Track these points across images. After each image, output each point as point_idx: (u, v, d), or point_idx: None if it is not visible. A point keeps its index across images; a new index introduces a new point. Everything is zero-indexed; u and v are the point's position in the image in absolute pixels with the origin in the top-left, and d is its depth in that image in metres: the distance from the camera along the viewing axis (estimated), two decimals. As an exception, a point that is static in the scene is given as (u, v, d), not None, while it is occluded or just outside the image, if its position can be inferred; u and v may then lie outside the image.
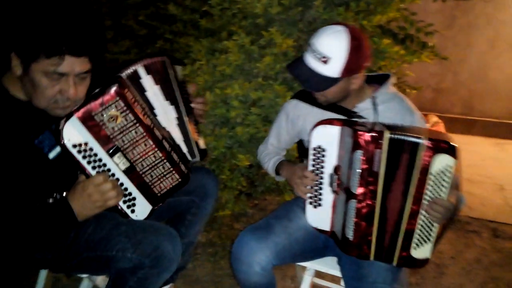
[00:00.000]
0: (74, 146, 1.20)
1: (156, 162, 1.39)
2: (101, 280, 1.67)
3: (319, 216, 1.48)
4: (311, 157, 1.43)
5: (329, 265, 1.63)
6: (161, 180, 1.43)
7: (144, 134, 1.32)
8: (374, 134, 1.22)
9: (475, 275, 2.35)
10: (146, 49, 3.04)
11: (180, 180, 1.47)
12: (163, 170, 1.42)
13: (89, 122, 1.21)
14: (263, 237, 1.44)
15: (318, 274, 2.05)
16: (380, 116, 1.47)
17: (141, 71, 1.40)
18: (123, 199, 1.34)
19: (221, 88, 2.15)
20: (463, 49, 4.95)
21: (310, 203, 1.49)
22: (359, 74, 1.43)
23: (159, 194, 1.44)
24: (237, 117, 2.11)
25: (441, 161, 1.17)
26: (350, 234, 1.33)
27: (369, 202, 1.27)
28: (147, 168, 1.38)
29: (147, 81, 1.42)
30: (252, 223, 1.56)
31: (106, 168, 1.28)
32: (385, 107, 1.48)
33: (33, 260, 1.41)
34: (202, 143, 1.65)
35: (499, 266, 2.46)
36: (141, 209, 1.40)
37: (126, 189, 1.35)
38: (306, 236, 1.53)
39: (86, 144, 1.22)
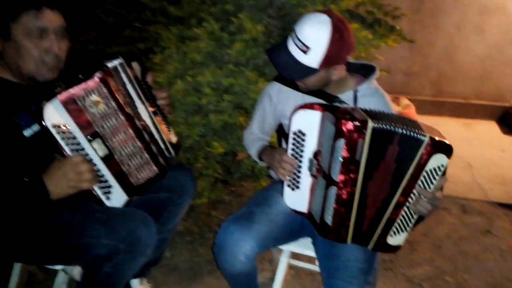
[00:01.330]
0: (54, 126, 1.21)
1: (135, 152, 1.39)
2: (77, 272, 1.66)
3: (297, 198, 1.50)
4: (291, 141, 1.43)
5: (304, 246, 1.67)
6: (139, 170, 1.43)
7: (125, 122, 1.33)
8: (357, 123, 1.21)
9: (446, 250, 2.44)
10: (115, 38, 2.97)
11: (158, 172, 1.47)
12: (141, 161, 1.41)
13: (71, 106, 1.22)
14: (246, 226, 1.45)
15: (295, 256, 2.10)
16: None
17: (120, 68, 1.41)
18: (99, 185, 1.33)
19: (193, 76, 2.13)
20: (431, 32, 5.04)
21: (288, 185, 1.50)
22: (340, 65, 1.43)
23: (136, 185, 1.43)
24: (210, 104, 2.10)
25: (438, 160, 1.19)
26: (329, 219, 1.35)
27: (349, 189, 1.28)
28: (126, 157, 1.37)
29: (124, 77, 1.43)
30: (230, 210, 1.58)
31: (84, 153, 1.28)
32: (364, 101, 1.49)
33: (4, 251, 1.38)
34: (174, 139, 1.65)
35: (467, 240, 2.57)
36: (117, 197, 1.40)
37: (102, 176, 1.34)
38: (285, 220, 1.55)
39: (65, 126, 1.23)
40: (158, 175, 1.48)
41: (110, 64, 1.34)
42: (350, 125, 1.21)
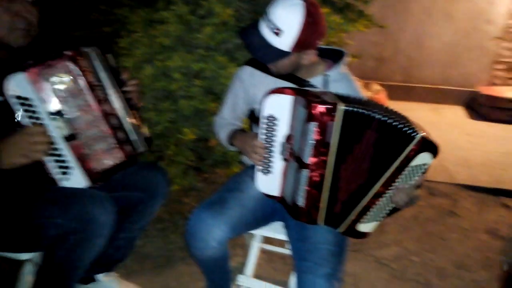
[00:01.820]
0: (17, 98, 1.21)
1: (101, 135, 1.35)
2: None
3: (269, 183, 1.50)
4: (263, 125, 1.42)
5: (276, 230, 1.68)
6: (104, 155, 1.39)
7: (92, 104, 1.31)
8: (328, 106, 1.21)
9: (413, 231, 2.52)
10: (80, 21, 2.86)
11: (125, 160, 1.43)
12: (106, 145, 1.38)
13: (37, 80, 1.21)
14: (218, 212, 1.44)
15: (267, 240, 2.12)
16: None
17: (93, 52, 1.39)
18: (57, 164, 1.31)
19: (161, 60, 2.09)
20: (402, 18, 5.12)
21: (261, 170, 1.50)
22: (311, 50, 1.43)
23: (98, 170, 1.39)
24: (180, 89, 2.07)
25: (423, 158, 1.20)
26: (301, 202, 1.35)
27: (320, 171, 1.29)
28: (90, 139, 1.34)
29: (98, 64, 1.41)
30: (202, 197, 1.57)
31: None
32: (334, 86, 1.49)
33: None
34: (146, 131, 1.62)
35: (433, 221, 2.66)
36: (76, 180, 1.36)
37: (62, 155, 1.31)
38: (257, 205, 1.55)
39: (28, 99, 1.22)
40: (125, 162, 1.44)
41: (83, 48, 1.34)
42: (320, 108, 1.21)
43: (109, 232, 1.38)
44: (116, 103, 1.45)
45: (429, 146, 1.18)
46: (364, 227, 1.36)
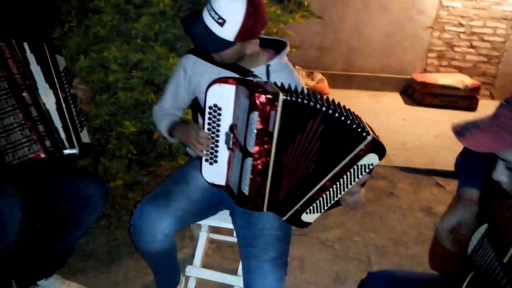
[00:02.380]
0: None
1: (15, 125, 1.29)
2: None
3: (215, 172, 1.50)
4: (207, 115, 1.41)
5: (222, 219, 1.70)
6: (17, 148, 1.32)
7: (8, 90, 1.27)
8: (269, 96, 1.23)
9: (354, 213, 2.64)
10: (9, 10, 2.68)
11: (44, 157, 1.36)
12: (21, 137, 1.31)
13: None
14: (163, 205, 1.43)
15: (215, 230, 2.14)
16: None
17: (26, 47, 1.36)
18: None
19: (97, 51, 2.01)
20: (341, 8, 5.28)
21: (206, 160, 1.49)
22: (254, 39, 1.44)
23: (9, 163, 1.32)
24: (118, 81, 2.01)
25: (371, 159, 1.24)
26: (246, 190, 1.37)
27: (263, 159, 1.31)
28: (2, 129, 1.29)
29: (31, 58, 1.38)
30: (147, 191, 1.54)
31: None
32: (275, 76, 1.51)
33: None
34: (85, 137, 1.57)
35: (373, 202, 2.80)
36: None
37: None
38: (203, 196, 1.55)
39: None
40: (44, 160, 1.37)
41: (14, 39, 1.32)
42: (263, 98, 1.24)
43: (17, 224, 1.34)
44: (49, 98, 1.41)
45: (378, 147, 1.22)
46: (307, 217, 1.40)
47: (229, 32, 1.37)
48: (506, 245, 0.89)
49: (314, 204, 1.37)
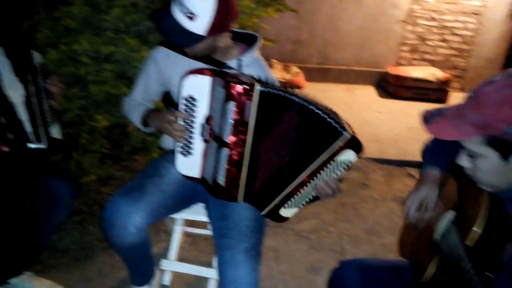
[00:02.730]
0: None
1: None
2: None
3: (189, 164, 1.49)
4: (182, 107, 1.40)
5: (197, 212, 1.70)
6: None
7: None
8: (246, 86, 1.24)
9: (329, 204, 2.69)
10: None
11: (5, 150, 1.35)
12: None
13: None
14: (136, 198, 1.42)
15: (191, 223, 2.14)
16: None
17: None
18: None
19: (67, 44, 1.97)
20: (316, 2, 5.30)
21: (181, 152, 1.48)
22: (226, 33, 1.43)
23: None
24: (89, 74, 1.97)
25: (349, 155, 1.25)
26: (221, 180, 1.38)
27: (239, 150, 1.32)
28: None
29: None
30: (122, 186, 1.51)
31: None
32: (247, 70, 1.51)
33: None
34: (56, 132, 1.54)
35: (347, 194, 2.86)
36: None
37: None
38: (177, 189, 1.55)
39: None
40: (6, 153, 1.36)
41: None
42: (238, 88, 1.25)
43: None
44: (16, 91, 1.39)
45: (355, 144, 1.23)
46: (286, 212, 1.41)
47: (200, 26, 1.37)
48: (470, 229, 0.93)
49: (293, 199, 1.38)
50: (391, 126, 4.14)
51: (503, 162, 0.86)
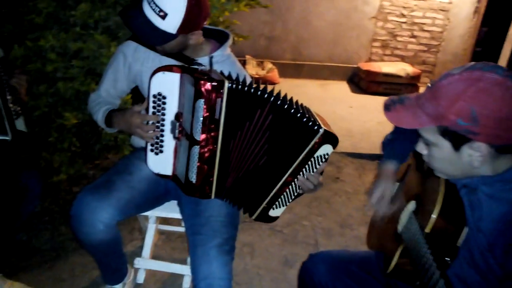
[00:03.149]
0: None
1: None
2: None
3: (161, 162, 1.48)
4: (151, 104, 1.39)
5: (170, 209, 1.69)
6: None
7: None
8: (215, 83, 1.24)
9: (303, 198, 2.69)
10: None
11: None
12: None
13: None
14: (104, 195, 1.40)
15: (164, 221, 2.13)
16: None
17: None
18: None
19: (33, 40, 1.91)
20: (289, -2, 5.33)
21: (152, 150, 1.47)
22: (197, 30, 1.42)
23: None
24: (57, 71, 1.92)
25: (325, 149, 1.28)
26: (193, 178, 1.37)
27: (210, 147, 1.32)
28: None
29: None
30: (94, 184, 1.49)
31: None
32: (218, 67, 1.50)
33: None
34: (20, 125, 1.50)
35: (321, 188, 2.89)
36: None
37: None
38: (148, 186, 1.54)
39: None
40: None
41: None
42: (208, 85, 1.24)
43: None
44: None
45: (331, 138, 1.26)
46: (274, 212, 1.43)
47: (171, 25, 1.35)
48: (428, 217, 0.97)
49: (280, 200, 1.40)
50: (363, 121, 4.22)
51: (454, 152, 0.90)
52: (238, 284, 1.95)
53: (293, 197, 1.40)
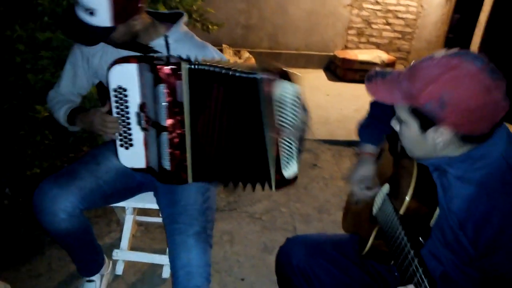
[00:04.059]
0: None
1: None
2: None
3: (133, 156, 1.47)
4: (113, 98, 1.37)
5: (146, 200, 1.69)
6: None
7: None
8: (173, 66, 1.24)
9: (281, 185, 2.75)
10: None
11: None
12: None
13: None
14: (65, 183, 1.39)
15: (143, 212, 2.12)
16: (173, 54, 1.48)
17: None
18: None
19: (-1, 31, 1.85)
20: (264, -14, 5.30)
21: (121, 145, 1.46)
22: (136, 15, 1.38)
23: None
24: (25, 62, 1.87)
25: (283, 88, 1.25)
26: (167, 165, 1.37)
27: (179, 131, 1.32)
28: None
29: None
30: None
31: None
32: (177, 46, 1.48)
33: None
34: None
35: (299, 174, 2.92)
36: None
37: None
38: (117, 177, 1.52)
39: None
40: None
41: None
42: (166, 70, 1.25)
43: None
44: None
45: (283, 76, 1.24)
46: (288, 172, 1.39)
47: (103, 18, 1.31)
48: (402, 199, 1.00)
49: (283, 159, 1.35)
50: (339, 108, 4.26)
51: (421, 133, 0.93)
52: (218, 271, 1.96)
53: (295, 149, 1.36)
